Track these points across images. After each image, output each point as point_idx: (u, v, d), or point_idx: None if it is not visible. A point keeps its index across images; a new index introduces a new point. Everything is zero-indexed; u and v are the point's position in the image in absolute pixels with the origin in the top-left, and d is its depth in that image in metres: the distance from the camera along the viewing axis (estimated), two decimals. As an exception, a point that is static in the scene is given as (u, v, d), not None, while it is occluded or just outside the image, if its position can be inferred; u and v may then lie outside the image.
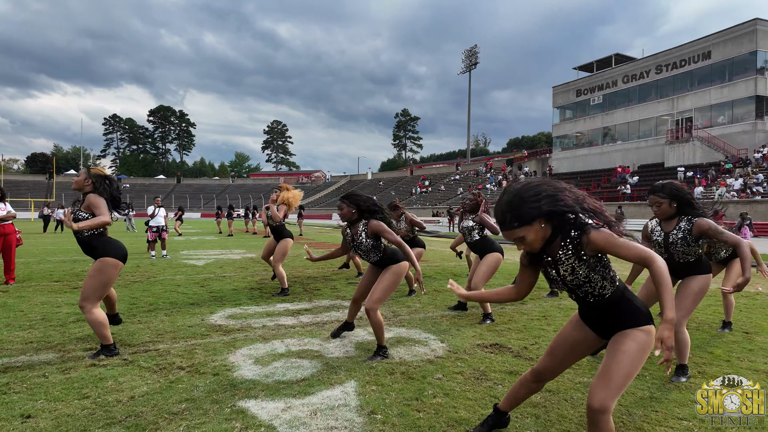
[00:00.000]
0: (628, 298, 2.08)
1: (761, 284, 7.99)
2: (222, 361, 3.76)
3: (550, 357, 2.34)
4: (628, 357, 1.98)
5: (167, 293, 6.78)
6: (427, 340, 4.46)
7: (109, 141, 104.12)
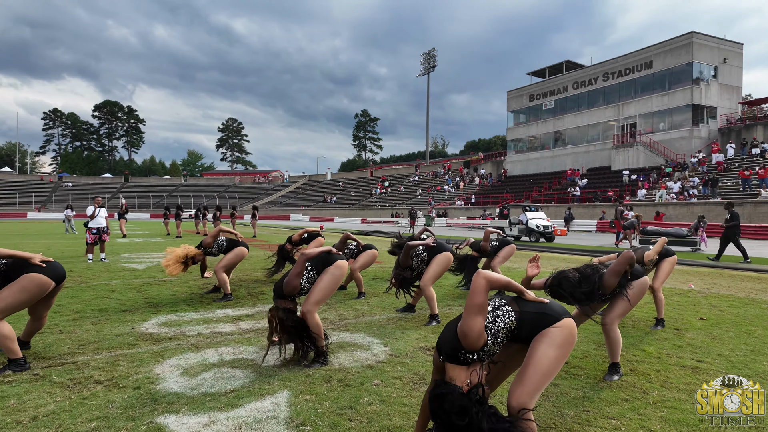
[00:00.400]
0: (530, 310, 2.13)
1: (693, 282, 8.43)
2: (146, 373, 3.50)
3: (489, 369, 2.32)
4: (544, 355, 2.01)
5: (98, 300, 6.33)
6: (370, 344, 4.35)
7: (49, 137, 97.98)
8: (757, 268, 10.45)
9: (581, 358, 4.00)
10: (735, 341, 4.52)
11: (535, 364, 2.00)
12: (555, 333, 2.05)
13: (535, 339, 2.09)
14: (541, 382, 2.00)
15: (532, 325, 2.11)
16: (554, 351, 2.03)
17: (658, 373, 3.61)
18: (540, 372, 1.99)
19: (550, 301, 2.17)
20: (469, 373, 1.92)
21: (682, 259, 12.18)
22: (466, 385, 1.89)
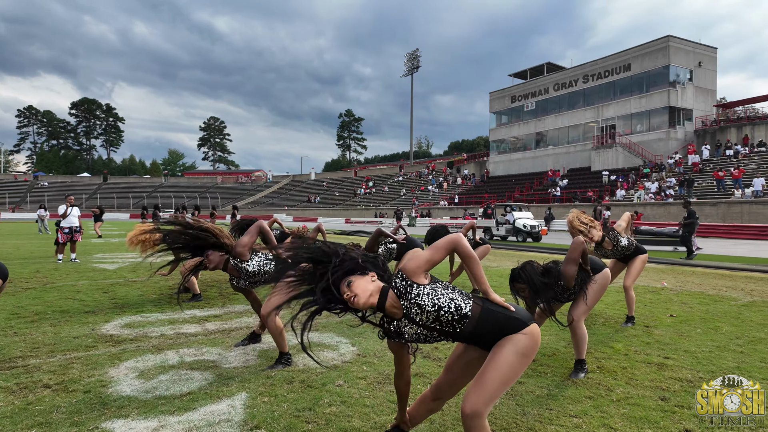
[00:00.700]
0: (495, 310, 2.00)
1: (666, 280, 8.54)
2: (99, 376, 3.36)
3: (447, 374, 2.22)
4: (505, 362, 1.92)
5: (61, 301, 6.11)
6: (338, 344, 4.27)
7: (24, 135, 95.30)
8: (729, 266, 10.66)
9: (549, 356, 3.98)
10: (702, 338, 4.56)
11: (495, 369, 1.91)
12: (520, 340, 1.95)
13: (498, 344, 1.98)
14: (499, 389, 1.91)
15: (498, 326, 1.97)
16: (517, 358, 1.93)
17: (624, 370, 3.60)
18: (499, 378, 1.90)
19: (516, 307, 2.05)
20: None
21: (657, 258, 12.37)
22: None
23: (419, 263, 1.94)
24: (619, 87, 38.25)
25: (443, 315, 1.92)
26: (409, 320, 1.95)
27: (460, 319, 1.94)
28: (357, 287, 1.90)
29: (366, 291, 1.90)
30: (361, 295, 1.88)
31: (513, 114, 47.49)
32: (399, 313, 1.95)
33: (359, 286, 1.90)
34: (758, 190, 23.91)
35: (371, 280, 1.95)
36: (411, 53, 65.63)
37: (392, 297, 1.94)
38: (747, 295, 6.98)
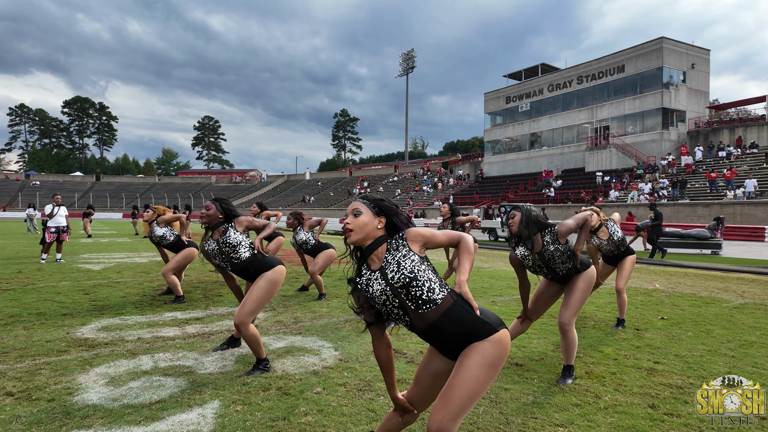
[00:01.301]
0: (465, 309, 1.87)
1: (658, 281, 8.47)
2: (67, 383, 3.21)
3: (416, 386, 2.09)
4: (472, 376, 1.79)
5: (39, 302, 5.94)
6: (320, 348, 4.13)
7: (16, 133, 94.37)
8: (722, 267, 10.62)
9: (537, 360, 3.87)
10: (693, 341, 4.47)
11: (461, 384, 1.78)
12: (488, 350, 1.82)
13: (464, 354, 1.85)
14: (466, 405, 1.79)
15: (465, 328, 1.84)
16: (484, 371, 1.81)
17: (613, 376, 3.50)
18: (466, 394, 1.78)
19: (485, 312, 1.93)
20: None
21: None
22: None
23: (422, 233, 1.93)
24: (613, 88, 38.33)
25: (414, 286, 1.85)
26: (382, 275, 1.88)
27: (428, 301, 1.85)
28: (358, 222, 1.90)
29: (363, 230, 1.90)
30: (357, 232, 1.89)
31: (507, 115, 47.50)
32: (377, 264, 1.92)
33: (361, 222, 1.90)
34: (750, 191, 23.99)
35: (377, 224, 1.93)
36: (406, 53, 65.53)
37: (382, 249, 1.93)
38: (739, 297, 6.92)
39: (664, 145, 34.81)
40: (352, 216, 1.92)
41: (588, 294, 3.50)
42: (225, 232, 3.61)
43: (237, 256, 3.58)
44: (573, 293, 3.44)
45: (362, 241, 1.92)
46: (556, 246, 3.37)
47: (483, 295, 6.96)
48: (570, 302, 3.45)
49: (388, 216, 1.95)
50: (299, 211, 6.76)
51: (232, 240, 3.58)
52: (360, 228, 1.90)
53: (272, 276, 3.55)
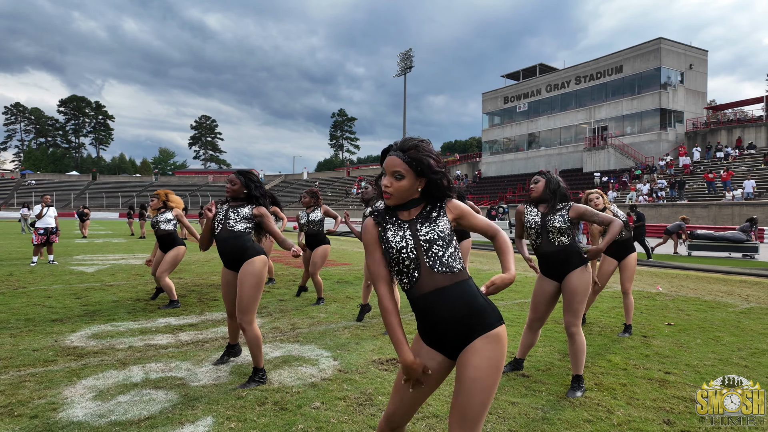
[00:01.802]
0: (475, 289, 1.74)
1: (661, 284, 8.35)
2: (52, 397, 3.05)
3: (397, 395, 1.85)
4: (480, 383, 1.64)
5: (29, 307, 5.77)
6: (319, 358, 3.98)
7: (11, 132, 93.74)
8: (723, 269, 10.52)
9: (544, 371, 3.73)
10: (703, 349, 4.34)
11: (471, 393, 1.63)
12: (494, 352, 1.66)
13: (464, 358, 1.68)
14: (482, 412, 1.65)
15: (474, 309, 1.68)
16: (495, 377, 1.66)
17: (624, 388, 3.36)
18: (482, 404, 1.64)
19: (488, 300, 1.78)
20: None
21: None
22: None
23: (461, 206, 1.81)
24: (611, 89, 38.29)
25: (439, 245, 1.72)
26: (410, 227, 1.75)
27: (446, 264, 1.72)
28: (399, 187, 1.72)
29: (402, 195, 1.74)
30: (396, 197, 1.73)
31: (505, 115, 47.42)
32: (407, 216, 1.78)
33: (403, 186, 1.72)
34: (749, 192, 23.96)
35: (417, 187, 1.75)
36: (404, 53, 65.31)
37: (416, 209, 1.79)
38: (744, 301, 6.80)
39: (662, 145, 34.78)
40: (393, 178, 1.71)
41: (587, 294, 3.36)
42: (241, 207, 3.50)
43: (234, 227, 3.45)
44: (572, 295, 3.31)
45: (398, 204, 1.77)
46: (564, 217, 3.34)
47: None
48: (572, 305, 3.32)
49: (430, 180, 1.75)
50: (316, 190, 6.54)
51: (241, 213, 3.46)
52: (400, 193, 1.72)
53: (253, 268, 3.36)
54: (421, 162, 1.70)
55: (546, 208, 3.42)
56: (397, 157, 1.71)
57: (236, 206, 3.51)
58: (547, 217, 3.38)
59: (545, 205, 3.43)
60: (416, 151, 1.72)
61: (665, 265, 11.45)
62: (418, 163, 1.70)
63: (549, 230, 3.36)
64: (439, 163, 1.75)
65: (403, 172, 1.70)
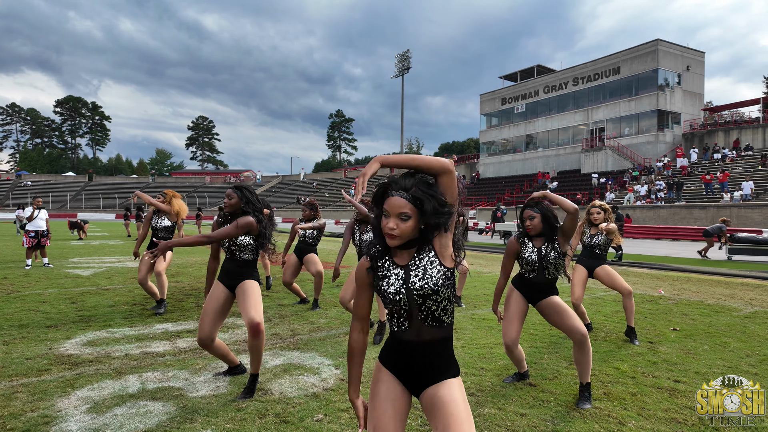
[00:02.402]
0: (451, 341, 1.73)
1: (663, 287, 8.29)
2: (45, 410, 2.94)
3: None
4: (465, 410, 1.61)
5: (23, 312, 5.65)
6: (320, 366, 3.89)
7: (7, 133, 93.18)
8: (725, 272, 10.48)
9: (551, 379, 3.65)
10: (711, 356, 4.27)
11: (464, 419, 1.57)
12: (458, 387, 1.67)
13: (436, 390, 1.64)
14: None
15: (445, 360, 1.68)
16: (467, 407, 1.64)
17: (634, 397, 3.28)
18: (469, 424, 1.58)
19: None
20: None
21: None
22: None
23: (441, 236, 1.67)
24: (609, 90, 38.34)
25: (432, 300, 1.63)
26: (405, 274, 1.65)
27: (437, 320, 1.66)
28: (405, 228, 1.58)
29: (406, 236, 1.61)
30: (401, 238, 1.60)
31: (503, 116, 47.43)
32: (403, 260, 1.68)
33: (408, 228, 1.59)
34: (747, 193, 23.98)
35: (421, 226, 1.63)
36: (401, 54, 65.31)
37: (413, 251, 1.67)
38: (748, 305, 6.75)
39: (659, 147, 34.84)
40: (399, 220, 1.58)
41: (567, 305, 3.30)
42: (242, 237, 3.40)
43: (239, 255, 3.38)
44: (558, 311, 3.23)
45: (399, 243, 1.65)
46: (557, 249, 3.28)
47: (486, 303, 6.74)
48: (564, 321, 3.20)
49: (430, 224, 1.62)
50: (315, 202, 6.44)
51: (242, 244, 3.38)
52: (406, 236, 1.60)
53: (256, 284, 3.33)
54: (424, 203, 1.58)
55: (542, 242, 3.32)
56: (401, 197, 1.59)
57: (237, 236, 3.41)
58: (543, 253, 3.29)
59: (542, 239, 3.32)
60: (418, 189, 1.60)
61: (666, 267, 11.40)
62: (421, 203, 1.58)
63: (546, 267, 3.29)
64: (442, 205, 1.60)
65: (409, 213, 1.58)
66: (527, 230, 3.33)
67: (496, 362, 4.02)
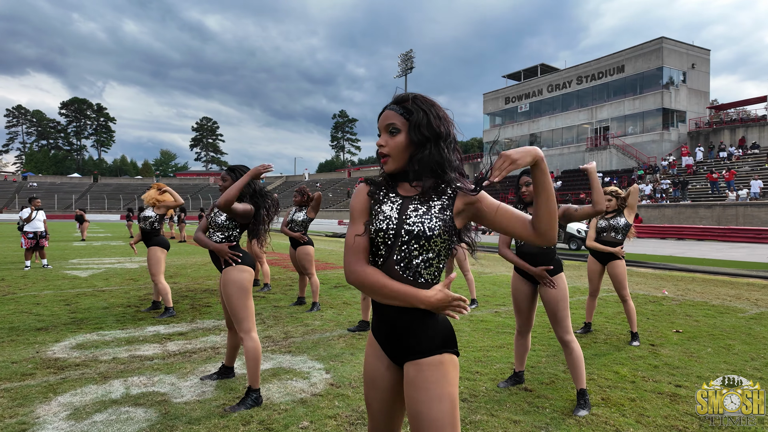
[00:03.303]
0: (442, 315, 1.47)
1: (667, 288, 8.14)
2: (24, 416, 2.86)
3: (372, 423, 1.58)
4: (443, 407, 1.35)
5: (15, 314, 5.60)
6: (311, 370, 3.79)
7: (13, 134, 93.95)
8: (730, 272, 10.30)
9: (548, 384, 3.53)
10: (714, 359, 4.13)
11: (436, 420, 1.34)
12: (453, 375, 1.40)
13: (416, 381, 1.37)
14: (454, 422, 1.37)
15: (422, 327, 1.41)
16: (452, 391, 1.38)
17: (633, 403, 3.16)
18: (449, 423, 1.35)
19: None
20: None
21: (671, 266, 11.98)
22: None
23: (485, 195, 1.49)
24: (613, 88, 38.07)
25: (419, 245, 1.39)
26: (402, 206, 1.44)
27: (415, 272, 1.40)
28: (396, 144, 1.43)
29: (403, 155, 1.44)
30: (395, 158, 1.44)
31: (507, 115, 47.22)
32: (407, 192, 1.47)
33: (400, 143, 1.43)
34: (756, 192, 23.67)
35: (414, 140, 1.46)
36: (405, 54, 65.21)
37: (420, 183, 1.46)
38: (753, 306, 6.59)
39: (664, 145, 34.54)
40: (388, 135, 1.43)
41: (568, 299, 3.20)
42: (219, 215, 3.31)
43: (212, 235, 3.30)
44: (554, 302, 3.15)
45: (401, 170, 1.47)
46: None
47: (486, 304, 6.63)
48: (556, 315, 3.16)
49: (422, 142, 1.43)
50: (305, 188, 6.29)
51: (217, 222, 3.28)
52: (399, 152, 1.43)
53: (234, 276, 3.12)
54: (417, 114, 1.42)
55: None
56: (391, 110, 1.45)
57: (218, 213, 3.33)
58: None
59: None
60: (413, 102, 1.44)
61: (670, 267, 11.23)
62: (415, 114, 1.42)
63: None
64: (441, 121, 1.43)
65: (399, 126, 1.43)
66: (522, 196, 3.26)
67: (492, 366, 3.91)
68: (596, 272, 5.02)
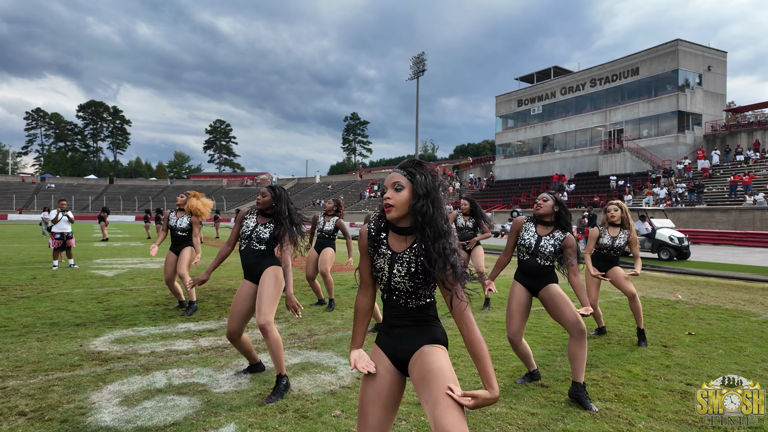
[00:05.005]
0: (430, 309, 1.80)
1: (680, 292, 8.23)
2: (80, 402, 3.13)
3: (363, 421, 1.75)
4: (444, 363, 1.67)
5: (53, 311, 5.92)
6: (337, 365, 4.02)
7: (32, 137, 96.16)
8: (745, 276, 10.32)
9: (563, 381, 3.71)
10: (725, 360, 4.27)
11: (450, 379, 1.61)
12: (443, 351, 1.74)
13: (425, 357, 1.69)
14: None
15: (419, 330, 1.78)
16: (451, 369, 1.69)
17: (645, 399, 3.33)
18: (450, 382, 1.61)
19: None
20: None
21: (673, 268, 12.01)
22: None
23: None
24: (627, 91, 37.85)
25: (403, 295, 1.76)
26: (390, 264, 1.76)
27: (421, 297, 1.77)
28: (400, 198, 1.72)
29: (404, 207, 1.72)
30: (398, 209, 1.72)
31: (519, 118, 47.16)
32: (398, 246, 1.78)
33: (403, 198, 1.72)
34: (771, 196, 23.39)
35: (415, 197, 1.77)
36: (417, 57, 65.45)
37: (413, 238, 1.77)
38: (767, 310, 6.67)
39: (679, 148, 34.25)
40: (394, 190, 1.72)
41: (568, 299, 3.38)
42: (264, 227, 3.55)
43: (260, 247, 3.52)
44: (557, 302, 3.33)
45: (401, 220, 1.75)
46: (556, 246, 3.36)
47: (500, 306, 6.80)
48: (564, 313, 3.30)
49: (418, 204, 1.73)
50: (340, 201, 6.62)
51: (263, 236, 3.52)
52: (402, 205, 1.71)
53: (278, 273, 3.47)
54: (416, 175, 1.74)
55: (544, 229, 3.43)
56: (397, 172, 1.78)
57: (263, 223, 3.57)
58: (542, 241, 3.40)
59: (544, 226, 3.44)
60: (415, 168, 1.77)
61: (684, 271, 11.27)
62: (413, 175, 1.74)
63: (538, 255, 3.41)
64: (436, 184, 1.74)
65: (403, 183, 1.73)
66: (536, 209, 3.46)
67: (509, 364, 4.10)
68: (593, 282, 5.09)
